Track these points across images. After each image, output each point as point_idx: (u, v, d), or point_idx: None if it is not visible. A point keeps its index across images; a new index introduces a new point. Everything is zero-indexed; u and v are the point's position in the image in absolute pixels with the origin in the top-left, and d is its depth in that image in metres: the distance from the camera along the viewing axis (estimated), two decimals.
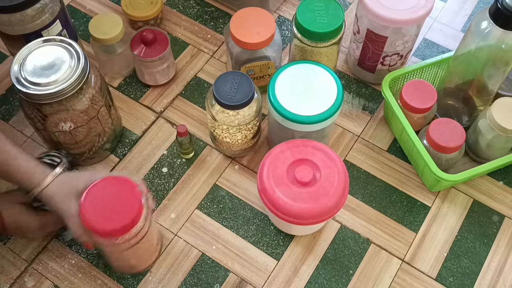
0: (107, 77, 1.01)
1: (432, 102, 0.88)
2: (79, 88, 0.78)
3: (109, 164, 0.93)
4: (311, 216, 0.76)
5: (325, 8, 0.87)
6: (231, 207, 0.89)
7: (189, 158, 0.93)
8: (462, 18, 1.11)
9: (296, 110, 0.81)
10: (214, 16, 1.10)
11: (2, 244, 0.86)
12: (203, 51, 1.05)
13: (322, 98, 0.82)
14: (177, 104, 0.99)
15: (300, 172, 0.77)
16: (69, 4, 1.11)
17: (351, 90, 1.01)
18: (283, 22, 1.10)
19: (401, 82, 0.96)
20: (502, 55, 0.81)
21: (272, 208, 0.77)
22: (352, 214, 0.89)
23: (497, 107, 0.84)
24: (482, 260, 0.86)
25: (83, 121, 0.82)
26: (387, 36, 0.89)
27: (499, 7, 0.75)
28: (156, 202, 0.90)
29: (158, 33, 0.95)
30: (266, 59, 0.91)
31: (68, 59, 0.78)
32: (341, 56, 1.05)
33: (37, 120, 0.81)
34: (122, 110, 0.98)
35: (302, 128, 0.82)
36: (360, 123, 0.98)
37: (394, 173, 0.93)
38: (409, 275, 0.84)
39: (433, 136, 0.85)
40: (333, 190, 0.77)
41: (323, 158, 0.79)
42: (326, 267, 0.85)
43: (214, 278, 0.84)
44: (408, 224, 0.88)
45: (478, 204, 0.90)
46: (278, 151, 0.80)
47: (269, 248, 0.86)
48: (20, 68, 0.78)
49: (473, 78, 0.88)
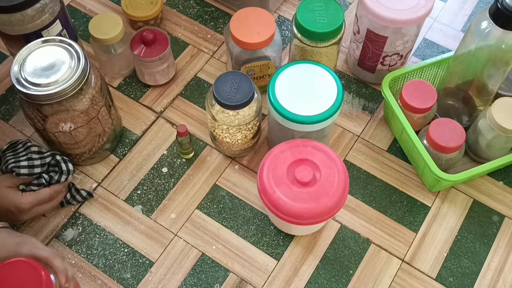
0: (107, 77, 1.01)
1: (432, 102, 0.88)
2: (79, 89, 0.78)
3: (109, 164, 0.93)
4: (311, 216, 0.76)
5: (325, 8, 0.87)
6: (231, 207, 0.89)
7: (189, 158, 0.94)
8: (462, 18, 1.11)
9: (296, 110, 0.81)
10: (214, 16, 1.10)
11: None
12: (203, 51, 1.05)
13: (322, 98, 0.82)
14: (177, 104, 0.99)
15: (300, 172, 0.77)
16: (69, 4, 1.11)
17: (351, 90, 1.01)
18: (283, 22, 1.10)
19: (401, 82, 0.96)
20: (502, 55, 0.81)
21: (272, 208, 0.77)
22: (352, 214, 0.89)
23: (497, 107, 0.84)
24: (482, 260, 0.86)
25: (83, 121, 0.82)
26: (387, 36, 0.89)
27: (499, 7, 0.75)
28: (156, 202, 0.90)
29: (158, 33, 0.95)
30: (266, 59, 0.92)
31: (68, 59, 0.78)
32: (341, 56, 1.05)
33: (37, 121, 0.81)
34: (122, 110, 0.98)
35: (302, 128, 0.82)
36: (360, 123, 0.98)
37: (394, 173, 0.93)
38: (409, 275, 0.84)
39: (433, 136, 0.85)
40: (333, 190, 0.77)
41: (323, 158, 0.79)
42: (326, 267, 0.85)
43: (214, 278, 0.84)
44: (408, 224, 0.88)
45: (478, 204, 0.90)
46: (278, 151, 0.80)
47: (269, 248, 0.86)
48: (20, 69, 0.78)
49: (473, 78, 0.88)
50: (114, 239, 0.86)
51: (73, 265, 0.84)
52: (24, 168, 0.80)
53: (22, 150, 0.84)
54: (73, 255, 0.85)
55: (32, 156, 0.83)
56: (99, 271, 0.84)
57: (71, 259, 0.85)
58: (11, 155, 0.83)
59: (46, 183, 0.83)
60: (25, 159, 0.82)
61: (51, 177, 0.83)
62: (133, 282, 0.83)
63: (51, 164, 0.84)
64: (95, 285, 0.83)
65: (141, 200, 0.90)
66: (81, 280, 0.83)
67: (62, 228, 0.87)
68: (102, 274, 0.84)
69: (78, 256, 0.85)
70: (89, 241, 0.86)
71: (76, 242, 0.86)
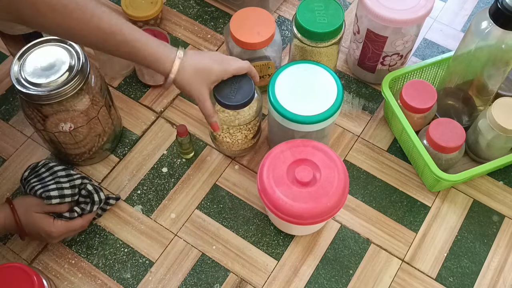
0: (107, 77, 1.01)
1: (432, 102, 0.88)
2: (79, 89, 0.78)
3: (109, 164, 0.93)
4: (311, 216, 0.76)
5: (325, 8, 0.87)
6: (231, 207, 0.89)
7: (189, 158, 0.93)
8: (462, 18, 1.11)
9: (296, 110, 0.81)
10: (214, 16, 1.10)
11: (2, 244, 0.86)
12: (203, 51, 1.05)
13: (322, 98, 0.82)
14: (177, 104, 0.99)
15: (300, 172, 0.77)
16: None
17: (351, 90, 1.01)
18: (283, 22, 1.10)
19: (401, 82, 0.96)
20: (502, 55, 0.81)
21: (272, 208, 0.77)
22: (352, 214, 0.89)
23: (497, 107, 0.84)
24: (482, 260, 0.86)
25: (83, 121, 0.82)
26: (387, 36, 0.89)
27: (499, 7, 0.75)
28: (156, 202, 0.90)
29: (158, 33, 0.95)
30: (266, 59, 0.91)
31: (68, 59, 0.78)
32: (341, 56, 1.05)
33: (37, 121, 0.81)
34: (122, 110, 0.98)
35: (302, 128, 0.82)
36: (360, 123, 0.98)
37: (394, 173, 0.93)
38: (409, 275, 0.84)
39: (433, 136, 0.85)
40: (333, 190, 0.77)
41: (323, 158, 0.79)
42: (326, 267, 0.85)
43: (214, 278, 0.84)
44: (408, 224, 0.88)
45: (478, 204, 0.90)
46: (278, 151, 0.80)
47: (269, 248, 0.86)
48: (20, 69, 0.78)
49: (473, 78, 0.88)
50: (114, 239, 0.86)
51: (73, 265, 0.84)
52: (55, 198, 0.78)
53: (47, 174, 0.81)
54: (73, 255, 0.85)
55: (60, 180, 0.80)
56: (99, 271, 0.84)
57: (71, 259, 0.85)
58: (36, 180, 0.81)
59: (78, 215, 0.81)
60: (53, 183, 0.79)
61: (83, 209, 0.81)
62: (133, 282, 0.83)
63: (82, 195, 0.82)
64: (95, 285, 0.83)
65: (141, 200, 0.90)
66: (81, 280, 0.83)
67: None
68: (102, 274, 0.84)
69: (78, 256, 0.85)
70: (89, 241, 0.86)
71: (76, 242, 0.86)
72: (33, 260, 0.85)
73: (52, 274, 0.84)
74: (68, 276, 0.84)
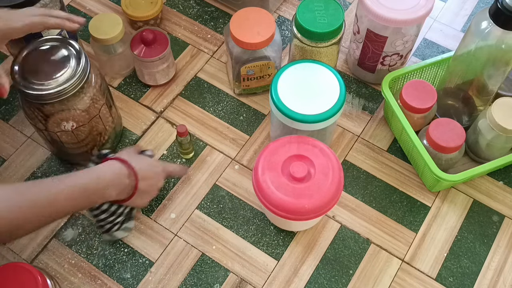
0: (107, 77, 1.01)
1: (432, 102, 0.88)
2: (80, 88, 0.78)
3: None
4: (306, 211, 0.76)
5: (325, 8, 0.87)
6: (231, 207, 0.89)
7: (189, 158, 0.93)
8: (462, 18, 1.11)
9: (299, 109, 0.81)
10: (214, 16, 1.10)
11: (2, 244, 0.86)
12: (203, 51, 1.05)
13: (325, 97, 0.82)
14: (177, 104, 0.99)
15: (295, 168, 0.77)
16: (69, 4, 1.11)
17: (351, 90, 1.01)
18: (283, 22, 1.10)
19: (401, 82, 0.96)
20: (502, 55, 0.81)
21: (266, 203, 0.77)
22: (352, 214, 0.89)
23: (497, 107, 0.84)
24: (482, 260, 0.86)
25: (84, 120, 0.82)
26: (387, 36, 0.89)
27: (499, 7, 0.75)
28: (156, 202, 0.90)
29: (158, 33, 0.95)
30: (266, 59, 0.92)
31: (68, 58, 0.78)
32: (341, 56, 1.05)
33: (39, 120, 0.81)
34: (122, 110, 0.98)
35: (305, 127, 0.82)
36: (360, 123, 0.98)
37: (394, 173, 0.93)
38: (409, 275, 0.84)
39: (433, 136, 0.85)
40: (327, 185, 0.77)
41: (318, 153, 0.79)
42: (326, 267, 0.85)
43: (214, 278, 0.84)
44: (408, 224, 0.88)
45: (478, 204, 0.90)
46: (273, 147, 0.80)
47: (269, 248, 0.86)
48: (21, 68, 0.78)
49: (473, 78, 0.88)
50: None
51: (73, 265, 0.84)
52: None
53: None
54: (73, 255, 0.85)
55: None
56: (99, 271, 0.84)
57: (71, 259, 0.85)
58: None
59: None
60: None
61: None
62: (133, 282, 0.83)
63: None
64: (95, 285, 0.83)
65: None
66: (81, 280, 0.83)
67: (62, 228, 0.87)
68: (102, 274, 0.84)
69: (78, 256, 0.85)
70: (89, 241, 0.86)
71: (76, 242, 0.86)
72: (33, 260, 0.85)
73: (52, 274, 0.84)
74: (68, 276, 0.84)
